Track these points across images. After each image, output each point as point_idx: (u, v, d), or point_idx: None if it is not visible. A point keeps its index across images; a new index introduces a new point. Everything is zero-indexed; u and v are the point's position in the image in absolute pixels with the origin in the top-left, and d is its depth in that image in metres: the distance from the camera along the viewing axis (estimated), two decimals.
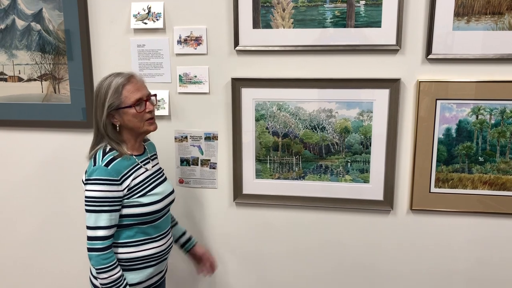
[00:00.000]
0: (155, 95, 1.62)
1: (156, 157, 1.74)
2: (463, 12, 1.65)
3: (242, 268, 2.04)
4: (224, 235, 2.03)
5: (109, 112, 1.50)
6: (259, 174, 1.92)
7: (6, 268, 2.28)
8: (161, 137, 1.89)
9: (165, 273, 1.75)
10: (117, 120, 1.53)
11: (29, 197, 2.16)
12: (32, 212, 2.17)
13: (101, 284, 1.50)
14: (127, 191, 1.51)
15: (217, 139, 1.93)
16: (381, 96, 1.76)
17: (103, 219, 1.46)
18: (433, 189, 1.81)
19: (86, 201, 1.48)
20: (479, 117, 1.73)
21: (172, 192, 1.68)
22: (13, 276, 2.28)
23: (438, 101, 1.73)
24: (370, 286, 1.96)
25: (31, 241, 2.21)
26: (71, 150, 2.05)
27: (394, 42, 1.70)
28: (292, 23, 1.76)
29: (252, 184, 1.93)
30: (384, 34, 1.70)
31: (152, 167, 1.64)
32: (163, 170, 1.72)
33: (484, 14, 1.64)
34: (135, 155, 1.58)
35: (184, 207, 2.02)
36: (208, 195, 2.00)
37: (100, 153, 1.51)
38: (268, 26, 1.78)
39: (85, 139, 2.01)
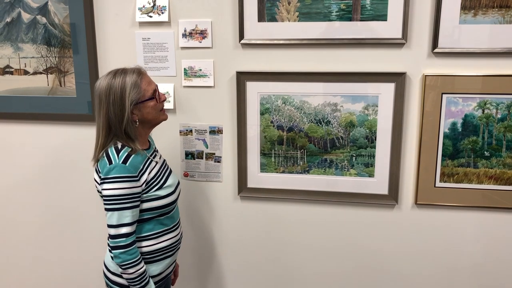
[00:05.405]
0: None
1: (157, 150, 1.74)
2: (470, 5, 1.64)
3: (246, 261, 2.05)
4: (229, 229, 2.03)
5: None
6: (263, 168, 1.92)
7: (10, 263, 2.30)
8: (166, 131, 1.90)
9: (174, 264, 1.76)
10: (136, 116, 1.51)
11: (33, 189, 2.17)
12: (36, 204, 2.19)
13: (128, 280, 1.50)
14: (145, 185, 1.51)
15: (222, 133, 1.93)
16: (386, 90, 1.75)
17: (126, 216, 1.46)
18: (438, 184, 1.80)
19: (106, 200, 1.46)
20: (485, 111, 1.72)
21: (179, 182, 1.70)
22: (18, 272, 2.30)
23: (444, 95, 1.72)
24: (374, 280, 1.96)
25: (37, 233, 2.23)
26: (76, 143, 2.06)
27: (400, 36, 1.69)
28: (297, 16, 1.75)
29: (257, 178, 1.93)
30: (390, 28, 1.69)
31: (159, 159, 1.66)
32: (166, 161, 1.73)
33: (491, 7, 1.63)
34: (144, 150, 1.59)
35: (188, 201, 2.02)
36: (212, 189, 2.00)
37: (113, 151, 1.49)
38: (273, 19, 1.77)
39: (91, 132, 2.02)
